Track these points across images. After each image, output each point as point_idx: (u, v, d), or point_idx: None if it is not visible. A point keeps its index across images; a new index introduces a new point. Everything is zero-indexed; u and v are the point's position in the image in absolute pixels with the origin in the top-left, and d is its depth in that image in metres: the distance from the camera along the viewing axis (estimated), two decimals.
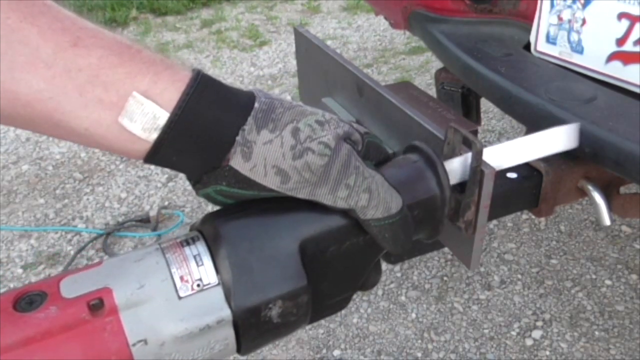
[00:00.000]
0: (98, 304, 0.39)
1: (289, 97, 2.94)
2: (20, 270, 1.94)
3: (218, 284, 0.43)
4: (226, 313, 0.42)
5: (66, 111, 0.40)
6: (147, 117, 0.40)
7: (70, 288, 0.40)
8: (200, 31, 3.84)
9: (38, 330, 0.38)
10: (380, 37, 3.60)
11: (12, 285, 1.88)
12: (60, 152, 2.57)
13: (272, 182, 0.43)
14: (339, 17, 3.96)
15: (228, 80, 3.18)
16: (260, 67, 3.31)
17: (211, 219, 0.46)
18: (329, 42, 3.48)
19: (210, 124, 0.42)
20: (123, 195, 2.30)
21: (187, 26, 3.92)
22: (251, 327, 0.43)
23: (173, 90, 0.41)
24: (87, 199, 2.28)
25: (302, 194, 0.44)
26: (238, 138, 0.42)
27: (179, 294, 0.41)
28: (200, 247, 0.44)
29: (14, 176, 2.44)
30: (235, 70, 3.29)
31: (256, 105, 0.44)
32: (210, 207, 0.61)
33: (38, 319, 0.38)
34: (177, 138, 0.41)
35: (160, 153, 0.42)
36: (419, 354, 1.62)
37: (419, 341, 1.66)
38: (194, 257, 0.43)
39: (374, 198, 0.46)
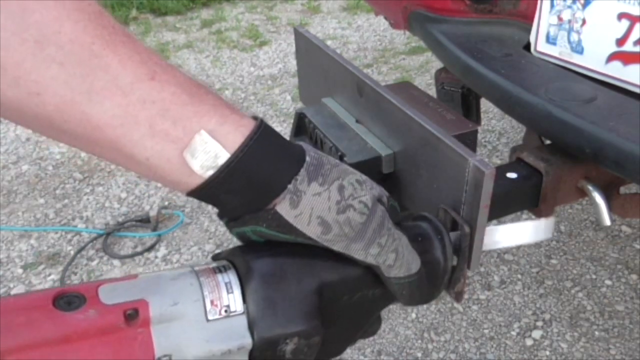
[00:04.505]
0: (133, 314, 0.42)
1: (289, 97, 2.94)
2: (20, 270, 1.94)
3: (243, 312, 0.45)
4: (247, 341, 0.45)
5: (133, 139, 0.42)
6: (208, 155, 0.43)
7: (109, 295, 0.43)
8: (200, 31, 3.84)
9: (76, 330, 0.40)
10: (380, 37, 3.60)
11: (12, 285, 1.88)
12: (60, 152, 2.57)
13: (313, 231, 0.46)
14: (339, 17, 3.97)
15: (228, 80, 3.18)
16: (260, 67, 3.31)
17: (242, 253, 0.49)
18: (329, 42, 3.48)
19: (266, 169, 0.45)
20: (123, 195, 2.30)
21: (187, 26, 3.92)
22: (265, 358, 0.46)
23: (237, 134, 0.44)
24: (87, 199, 2.28)
25: (337, 247, 0.48)
26: (290, 186, 0.45)
27: (208, 316, 0.44)
28: (232, 276, 0.47)
29: (14, 176, 2.44)
30: (235, 70, 3.29)
31: (307, 158, 0.47)
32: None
33: (77, 320, 0.40)
34: (231, 178, 0.44)
35: (209, 190, 0.44)
36: (419, 354, 1.62)
37: (419, 341, 1.66)
38: (225, 284, 0.46)
39: (399, 259, 0.50)
